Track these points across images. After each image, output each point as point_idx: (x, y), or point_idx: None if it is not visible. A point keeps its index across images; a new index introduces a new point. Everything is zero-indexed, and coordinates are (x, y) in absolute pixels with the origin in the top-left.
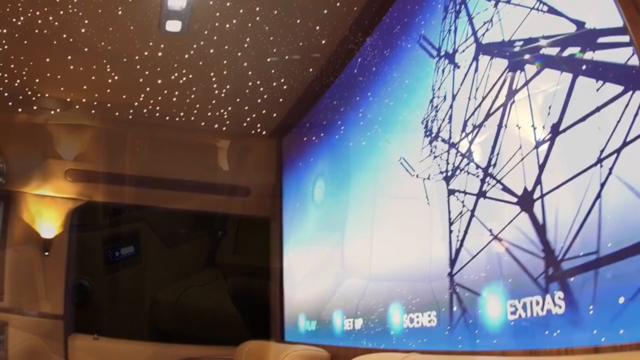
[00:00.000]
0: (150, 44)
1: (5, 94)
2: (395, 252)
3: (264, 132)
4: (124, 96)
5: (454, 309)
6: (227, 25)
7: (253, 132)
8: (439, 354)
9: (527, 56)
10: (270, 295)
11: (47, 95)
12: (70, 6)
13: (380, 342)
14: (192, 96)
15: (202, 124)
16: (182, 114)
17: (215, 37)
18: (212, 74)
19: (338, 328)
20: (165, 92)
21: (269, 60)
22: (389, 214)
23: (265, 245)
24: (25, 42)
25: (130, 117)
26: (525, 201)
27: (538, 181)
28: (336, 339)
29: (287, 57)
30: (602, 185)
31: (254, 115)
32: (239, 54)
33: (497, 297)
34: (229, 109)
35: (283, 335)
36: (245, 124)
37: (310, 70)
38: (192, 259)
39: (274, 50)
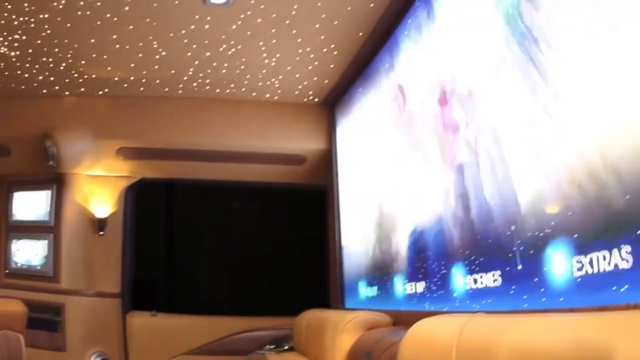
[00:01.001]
0: (196, 17)
1: (51, 78)
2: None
3: (316, 100)
4: (173, 71)
5: (518, 268)
6: None
7: (305, 100)
8: (505, 313)
9: None
10: (329, 264)
11: (94, 76)
12: None
13: (443, 304)
14: (242, 67)
15: (254, 94)
16: (232, 85)
17: (262, 6)
18: (260, 43)
19: (399, 292)
20: (214, 64)
21: (317, 26)
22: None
23: (322, 213)
24: (68, 24)
25: (180, 92)
26: None
27: None
28: (398, 304)
29: (335, 22)
30: None
31: (305, 83)
32: (287, 21)
33: (562, 253)
34: (280, 77)
35: (343, 303)
36: (296, 92)
37: (360, 34)
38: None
39: (322, 15)
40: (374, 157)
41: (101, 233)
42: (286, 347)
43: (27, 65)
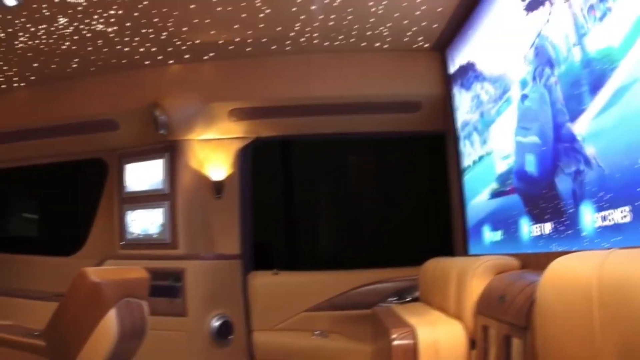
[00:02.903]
0: None
1: (154, 49)
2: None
3: (426, 45)
4: (279, 28)
5: None
6: None
7: (415, 46)
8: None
9: None
10: (451, 211)
11: (197, 41)
12: None
13: (572, 244)
14: (350, 17)
15: (363, 44)
16: (341, 37)
17: None
18: None
19: (525, 235)
20: (321, 17)
21: None
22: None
23: (441, 160)
24: None
25: (289, 48)
26: None
27: None
28: (524, 247)
29: None
30: None
31: (414, 29)
32: None
33: None
34: (388, 25)
35: (467, 250)
36: (406, 39)
37: None
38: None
39: None
40: (491, 96)
41: (218, 196)
42: (409, 299)
43: (127, 38)
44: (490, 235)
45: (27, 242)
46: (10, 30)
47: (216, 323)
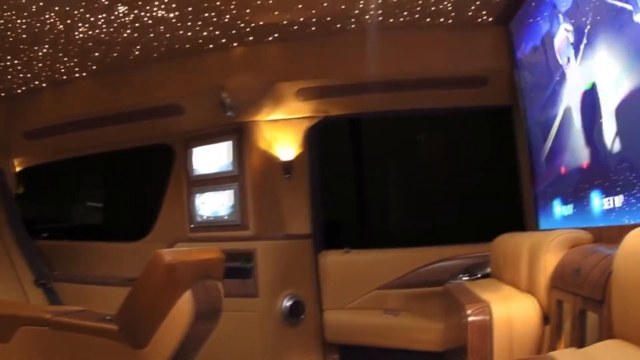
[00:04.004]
0: None
1: (216, 32)
2: None
3: (490, 19)
4: (343, 7)
5: None
6: None
7: (479, 20)
8: None
9: None
10: (521, 186)
11: (261, 23)
12: None
13: None
14: None
15: (427, 20)
16: (405, 13)
17: None
18: None
19: (596, 208)
20: None
21: None
22: None
23: (509, 134)
24: None
25: (353, 26)
26: None
27: None
28: (595, 220)
29: None
30: None
31: (477, 3)
32: None
33: None
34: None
35: (537, 225)
36: (470, 13)
37: None
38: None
39: None
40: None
41: (288, 176)
42: (479, 275)
43: (189, 23)
44: (560, 209)
45: (92, 230)
46: (68, 21)
47: (287, 303)
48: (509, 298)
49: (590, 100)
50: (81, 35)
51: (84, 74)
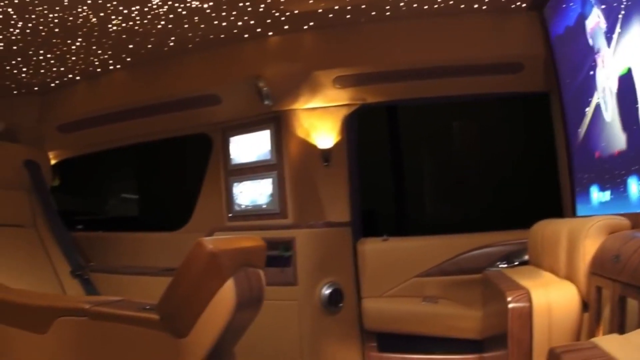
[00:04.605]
0: None
1: (252, 22)
2: None
3: (524, 5)
4: None
5: None
6: None
7: (513, 6)
8: None
9: None
10: (558, 172)
11: (296, 11)
12: None
13: None
14: None
15: (462, 6)
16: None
17: None
18: None
19: (634, 194)
20: None
21: None
22: None
23: (546, 121)
24: None
25: (388, 13)
26: None
27: None
28: (633, 206)
29: None
30: None
31: None
32: None
33: None
34: None
35: (574, 211)
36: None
37: None
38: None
39: None
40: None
41: (326, 164)
42: (516, 262)
43: (224, 13)
44: (598, 196)
45: (127, 221)
46: (102, 14)
47: (327, 291)
48: (548, 285)
49: (626, 86)
50: (115, 28)
51: (119, 66)
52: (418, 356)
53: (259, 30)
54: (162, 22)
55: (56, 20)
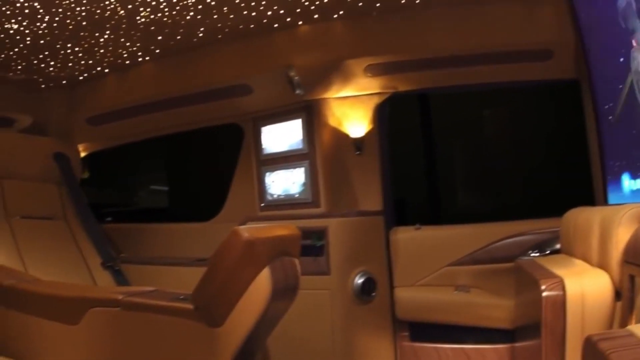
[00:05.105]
0: None
1: (281, 11)
2: None
3: None
4: None
5: None
6: None
7: None
8: None
9: None
10: (590, 160)
11: (325, 0)
12: None
13: None
14: None
15: None
16: None
17: None
18: None
19: None
20: None
21: None
22: None
23: (577, 108)
24: None
25: (417, 1)
26: None
27: None
28: None
29: None
30: None
31: None
32: None
33: None
34: None
35: (606, 199)
36: None
37: None
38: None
39: None
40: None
41: (358, 153)
42: (548, 251)
43: (253, 3)
44: (629, 184)
45: (157, 212)
46: (130, 6)
47: (359, 280)
48: (581, 273)
49: None
50: (143, 20)
51: (147, 58)
52: (450, 345)
53: (288, 19)
54: (191, 13)
55: (83, 14)
